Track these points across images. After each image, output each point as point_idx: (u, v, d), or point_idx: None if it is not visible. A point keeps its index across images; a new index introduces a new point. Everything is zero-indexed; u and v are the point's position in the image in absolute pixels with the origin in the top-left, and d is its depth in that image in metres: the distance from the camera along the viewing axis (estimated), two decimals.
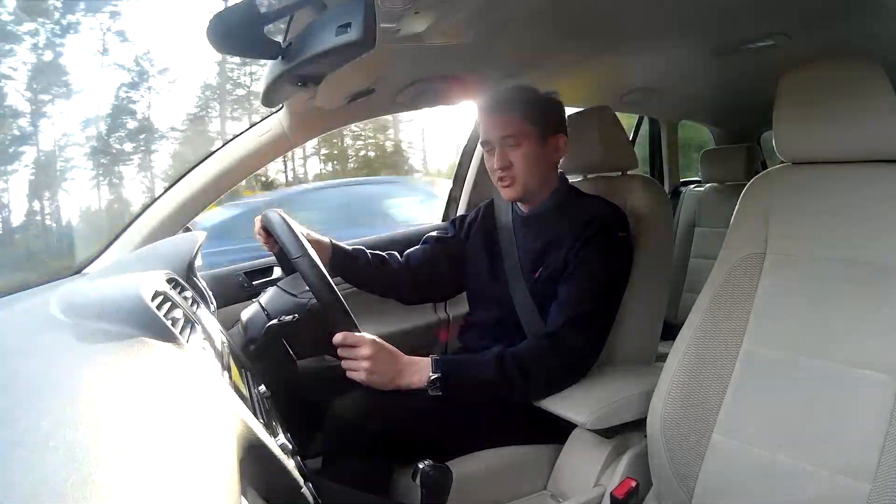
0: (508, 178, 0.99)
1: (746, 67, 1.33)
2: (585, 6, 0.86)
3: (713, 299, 0.83)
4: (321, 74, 0.77)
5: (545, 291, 0.97)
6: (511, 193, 1.01)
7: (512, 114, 0.98)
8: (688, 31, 1.09)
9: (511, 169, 0.98)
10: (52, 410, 0.28)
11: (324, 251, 1.03)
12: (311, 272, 0.84)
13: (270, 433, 0.54)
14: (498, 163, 0.99)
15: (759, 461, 0.74)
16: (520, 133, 0.97)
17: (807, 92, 0.78)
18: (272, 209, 0.96)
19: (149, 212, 1.11)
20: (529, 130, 0.98)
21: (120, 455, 0.26)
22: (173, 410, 0.33)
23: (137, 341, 0.38)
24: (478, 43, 0.89)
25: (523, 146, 0.98)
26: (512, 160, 0.98)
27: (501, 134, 0.98)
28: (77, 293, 0.50)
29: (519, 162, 0.98)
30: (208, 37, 0.63)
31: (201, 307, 0.70)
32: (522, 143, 0.97)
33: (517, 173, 0.98)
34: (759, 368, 0.77)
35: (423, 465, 0.69)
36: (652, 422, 0.84)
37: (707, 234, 2.09)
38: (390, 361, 0.87)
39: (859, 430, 0.67)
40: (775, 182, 0.83)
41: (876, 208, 0.73)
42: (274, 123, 1.16)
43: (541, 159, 0.99)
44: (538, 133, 0.98)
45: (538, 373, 0.89)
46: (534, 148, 0.98)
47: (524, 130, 0.97)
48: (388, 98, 1.15)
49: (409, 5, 0.64)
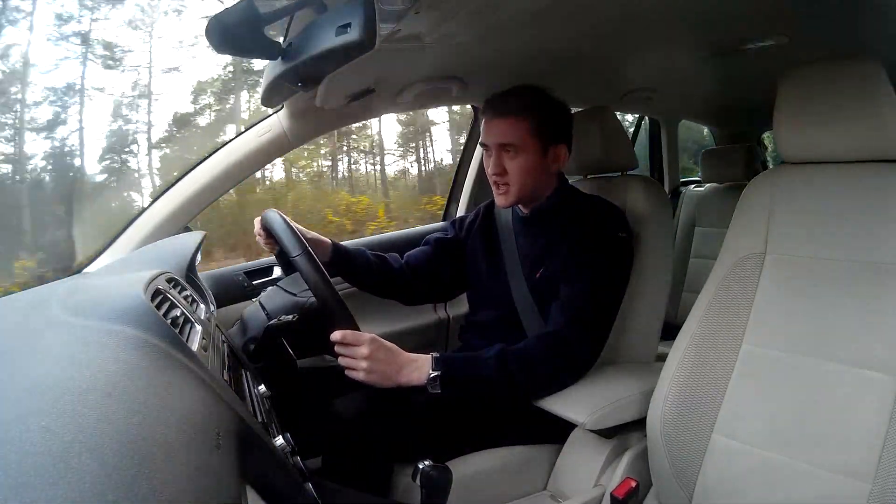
0: (502, 184, 0.97)
1: (746, 67, 1.33)
2: (585, 6, 0.86)
3: (713, 299, 0.83)
4: (321, 74, 0.77)
5: (545, 291, 0.97)
6: (502, 201, 0.99)
7: (516, 121, 0.95)
8: (688, 32, 1.09)
9: (505, 176, 0.96)
10: (52, 410, 0.28)
11: (324, 251, 1.03)
12: (309, 269, 0.84)
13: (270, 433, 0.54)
14: (492, 168, 0.97)
15: (759, 461, 0.74)
16: (521, 143, 0.95)
17: (807, 92, 0.78)
18: (272, 209, 0.96)
19: (149, 212, 1.11)
20: (532, 142, 0.95)
21: (119, 454, 0.26)
22: (173, 410, 0.33)
23: (137, 341, 0.38)
24: (478, 43, 0.89)
25: (521, 156, 0.95)
26: (507, 168, 0.96)
27: (500, 141, 0.96)
28: (77, 293, 0.50)
29: (514, 171, 0.96)
30: (208, 37, 0.63)
31: (201, 307, 0.70)
32: (521, 153, 0.95)
33: (511, 181, 0.96)
34: (759, 368, 0.77)
35: (423, 465, 0.69)
36: (652, 422, 0.84)
37: (707, 234, 2.09)
38: (389, 359, 0.86)
39: (859, 430, 0.67)
40: (775, 182, 0.83)
41: (876, 208, 0.73)
42: (274, 123, 1.16)
43: (538, 170, 0.97)
44: (540, 145, 0.96)
45: (538, 372, 0.89)
46: (533, 159, 0.96)
47: (526, 141, 0.95)
48: (388, 98, 1.16)
49: (409, 5, 0.64)
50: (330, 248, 1.04)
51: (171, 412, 0.32)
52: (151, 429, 0.29)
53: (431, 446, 0.83)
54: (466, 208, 1.64)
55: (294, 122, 1.16)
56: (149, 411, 0.31)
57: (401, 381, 0.86)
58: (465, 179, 1.66)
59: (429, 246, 1.16)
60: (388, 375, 0.85)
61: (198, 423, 0.33)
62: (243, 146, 1.16)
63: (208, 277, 1.17)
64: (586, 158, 1.17)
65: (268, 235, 0.97)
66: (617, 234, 0.97)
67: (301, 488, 0.45)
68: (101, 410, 0.29)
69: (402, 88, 1.11)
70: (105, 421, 0.28)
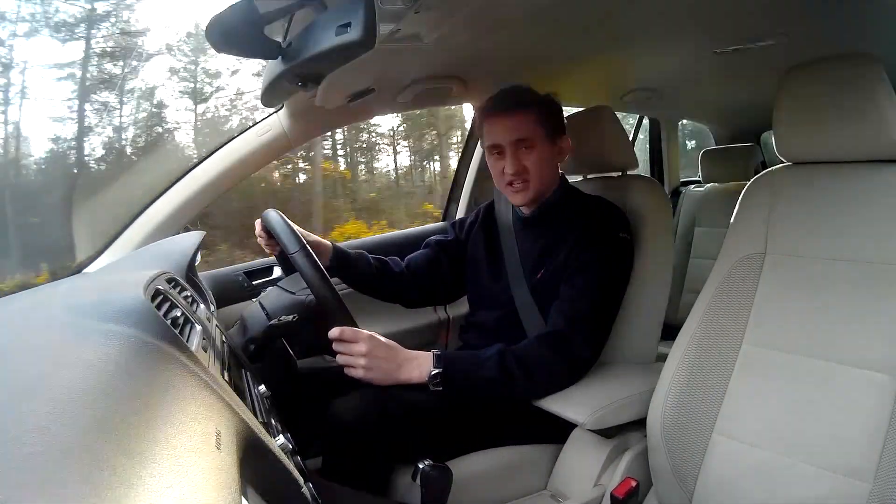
0: (521, 182, 0.96)
1: (746, 67, 1.33)
2: (585, 6, 0.86)
3: (713, 299, 0.83)
4: (321, 74, 0.77)
5: (546, 292, 0.97)
6: (522, 199, 0.98)
7: (525, 115, 0.95)
8: (688, 31, 1.09)
9: (525, 173, 0.96)
10: (52, 410, 0.28)
11: (324, 254, 1.03)
12: (306, 266, 0.85)
13: (270, 433, 0.54)
14: (511, 167, 0.95)
15: (759, 461, 0.74)
16: (534, 135, 0.95)
17: (807, 92, 0.78)
18: (272, 209, 0.96)
19: (149, 212, 1.11)
20: (542, 132, 0.96)
21: (119, 454, 0.26)
22: (173, 410, 0.33)
23: (137, 341, 0.38)
24: (478, 43, 0.89)
25: (537, 149, 0.96)
26: (526, 164, 0.96)
27: (515, 137, 0.95)
28: (77, 293, 0.50)
29: (533, 166, 0.96)
30: (208, 37, 0.63)
31: (201, 307, 0.70)
32: (536, 146, 0.95)
33: (531, 177, 0.96)
34: (759, 368, 0.77)
35: (423, 465, 0.70)
36: (652, 422, 0.84)
37: (707, 234, 2.09)
38: (388, 356, 0.86)
39: (859, 430, 0.67)
40: (775, 182, 0.83)
41: (876, 208, 0.73)
42: (274, 123, 1.16)
43: (552, 162, 0.99)
44: (549, 135, 0.97)
45: (539, 371, 0.89)
46: (548, 151, 0.97)
47: (538, 133, 0.96)
48: (388, 98, 1.16)
49: (409, 5, 0.64)
50: (331, 251, 1.04)
51: (171, 412, 0.32)
52: (151, 429, 0.29)
53: (431, 446, 0.83)
54: (467, 208, 1.64)
55: (294, 121, 1.16)
56: (148, 412, 0.31)
57: (401, 378, 0.86)
58: (466, 180, 1.66)
59: (429, 249, 1.16)
60: (388, 372, 0.85)
61: (198, 424, 0.33)
62: (243, 146, 1.16)
63: (208, 277, 1.17)
64: (586, 158, 1.17)
65: (269, 237, 0.97)
66: (617, 235, 0.97)
67: (301, 488, 0.45)
68: (100, 411, 0.29)
69: (402, 88, 1.11)
70: (104, 421, 0.28)
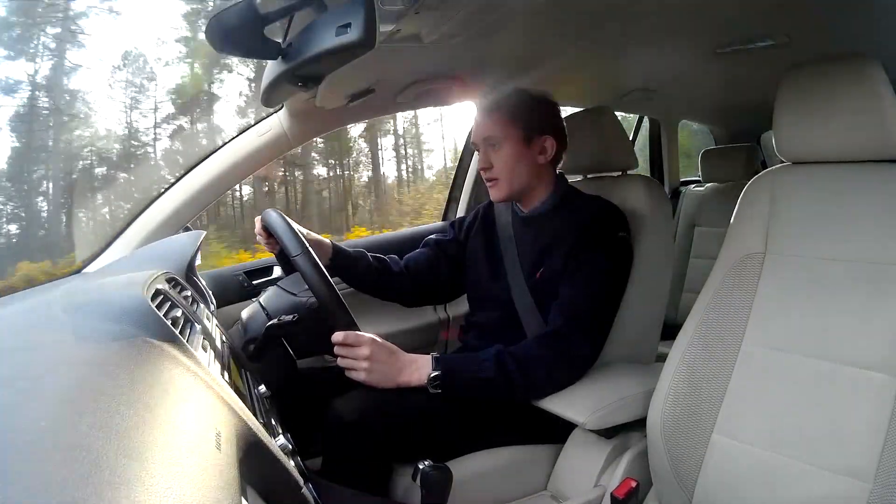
0: (491, 178, 1.02)
1: (746, 67, 1.32)
2: (585, 6, 0.86)
3: (713, 299, 0.83)
4: (321, 74, 0.77)
5: (545, 291, 0.97)
6: (495, 194, 1.03)
7: (495, 115, 1.00)
8: (688, 32, 1.09)
9: (492, 170, 1.01)
10: (52, 409, 0.28)
11: (324, 253, 1.03)
12: (309, 270, 0.85)
13: (270, 433, 0.54)
14: (480, 163, 1.03)
15: (759, 461, 0.74)
16: (501, 135, 0.99)
17: (807, 92, 0.78)
18: (272, 209, 0.96)
19: (149, 212, 1.11)
20: (511, 133, 0.99)
21: (119, 454, 0.26)
22: (173, 410, 0.33)
23: (137, 341, 0.38)
24: (478, 43, 0.89)
25: (504, 147, 1.00)
26: (493, 161, 1.01)
27: (483, 135, 1.01)
28: (77, 292, 0.50)
29: (499, 163, 1.00)
30: (208, 37, 0.63)
31: (201, 307, 0.70)
32: (503, 144, 1.00)
33: (498, 174, 1.01)
34: (759, 368, 0.77)
35: (423, 465, 0.69)
36: (652, 422, 0.84)
37: (707, 234, 2.09)
38: (390, 360, 0.87)
39: (859, 430, 0.67)
40: (775, 182, 0.83)
41: (876, 208, 0.73)
42: (274, 123, 1.16)
43: (523, 161, 1.00)
44: (521, 136, 1.00)
45: (538, 372, 0.89)
46: (516, 149, 1.00)
47: (506, 133, 0.99)
48: (388, 98, 1.16)
49: (409, 5, 0.64)
50: (330, 249, 1.05)
51: (170, 412, 0.32)
52: (151, 429, 0.29)
53: (431, 446, 0.84)
54: (467, 208, 1.64)
55: (294, 121, 1.16)
56: (149, 412, 0.31)
57: (401, 382, 0.86)
58: (466, 180, 1.66)
59: (428, 248, 1.16)
60: (389, 376, 0.86)
61: (198, 424, 0.33)
62: (243, 146, 1.16)
63: (208, 277, 1.17)
64: (586, 158, 1.17)
65: (268, 236, 0.97)
66: (617, 234, 0.97)
67: (301, 488, 0.45)
68: (100, 411, 0.29)
69: (402, 88, 1.11)
70: (104, 421, 0.28)
